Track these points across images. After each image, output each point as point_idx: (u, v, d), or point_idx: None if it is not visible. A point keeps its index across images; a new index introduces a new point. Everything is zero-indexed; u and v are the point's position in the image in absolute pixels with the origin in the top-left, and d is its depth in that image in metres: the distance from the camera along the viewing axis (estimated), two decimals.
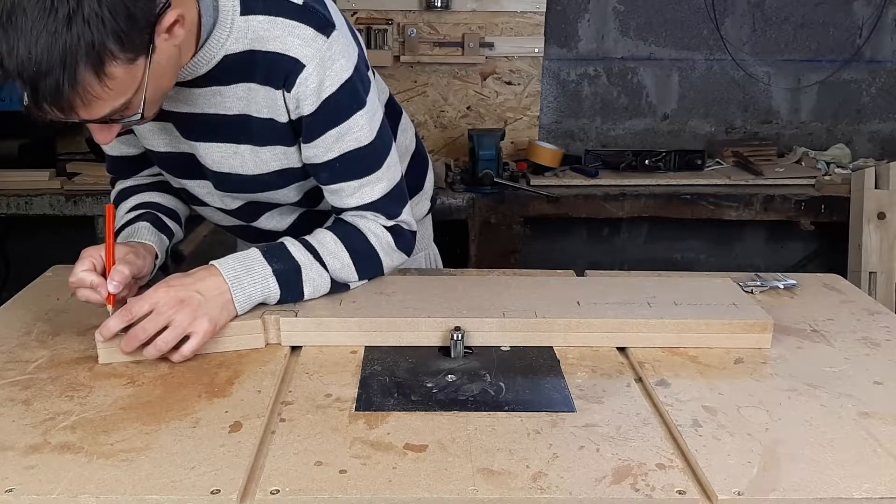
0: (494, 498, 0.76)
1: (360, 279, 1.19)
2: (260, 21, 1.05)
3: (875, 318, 1.21)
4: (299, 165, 1.18)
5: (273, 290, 1.09)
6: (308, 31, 1.06)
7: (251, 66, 1.07)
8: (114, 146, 1.27)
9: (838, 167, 2.82)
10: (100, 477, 0.78)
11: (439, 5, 2.79)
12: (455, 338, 1.05)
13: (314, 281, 1.13)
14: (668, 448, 0.85)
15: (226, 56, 1.07)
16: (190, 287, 1.03)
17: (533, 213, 2.64)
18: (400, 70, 2.90)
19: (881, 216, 2.54)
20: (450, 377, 1.00)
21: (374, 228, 1.19)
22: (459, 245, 3.10)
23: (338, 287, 1.16)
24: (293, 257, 1.12)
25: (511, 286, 1.21)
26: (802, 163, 2.89)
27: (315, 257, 1.13)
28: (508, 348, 1.08)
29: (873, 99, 3.06)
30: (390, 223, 1.21)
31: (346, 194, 1.18)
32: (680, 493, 0.77)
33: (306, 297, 1.13)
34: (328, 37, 1.07)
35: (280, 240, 1.15)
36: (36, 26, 0.83)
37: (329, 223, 1.21)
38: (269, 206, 1.28)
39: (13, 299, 1.24)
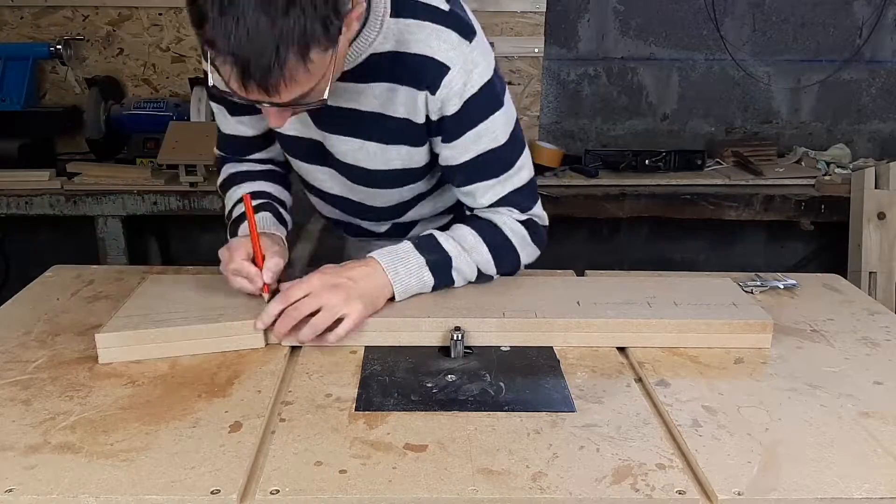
0: (494, 498, 0.76)
1: (497, 273, 1.22)
2: (409, 24, 1.10)
3: (875, 318, 1.21)
4: (420, 166, 1.24)
5: (427, 279, 1.15)
6: (453, 36, 1.10)
7: (395, 66, 1.11)
8: (231, 125, 1.31)
9: (838, 167, 2.82)
10: (100, 477, 0.78)
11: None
12: (455, 338, 1.05)
13: (463, 271, 1.18)
14: (668, 448, 0.85)
15: (372, 55, 1.11)
16: (342, 274, 1.09)
17: None
18: None
19: (881, 216, 2.54)
20: (450, 377, 1.00)
21: (509, 223, 1.23)
22: None
23: (482, 277, 1.21)
24: (443, 248, 1.17)
25: (511, 286, 1.21)
26: (802, 163, 2.89)
27: (462, 249, 1.18)
28: (508, 348, 1.08)
29: (873, 99, 3.06)
30: (524, 217, 1.24)
31: (479, 194, 1.22)
32: (680, 493, 0.77)
33: (456, 285, 1.19)
34: (471, 42, 1.12)
35: (428, 232, 1.20)
36: (256, 11, 0.87)
37: (462, 219, 1.25)
38: (365, 209, 1.33)
39: (13, 299, 1.24)
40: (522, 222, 1.24)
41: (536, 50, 2.89)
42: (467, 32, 1.12)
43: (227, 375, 1.00)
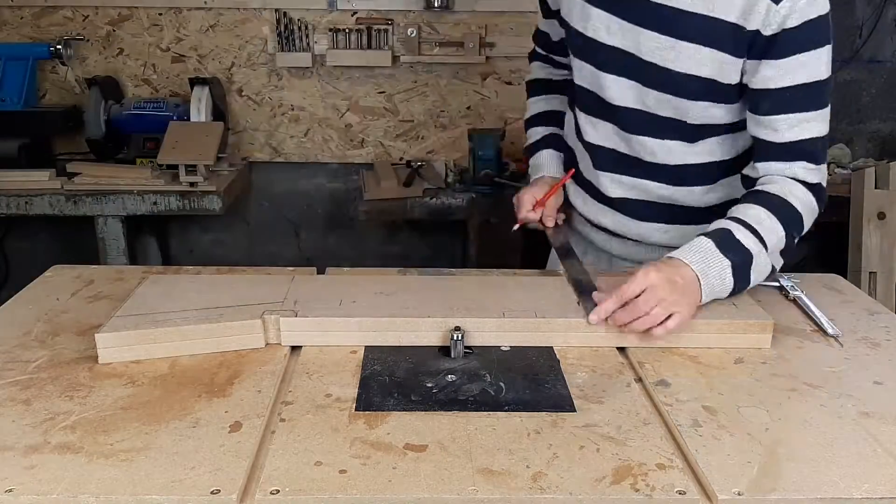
0: (494, 498, 0.76)
1: (785, 247, 1.21)
2: None
3: (875, 318, 1.21)
4: (725, 83, 1.21)
5: (728, 283, 1.13)
6: None
7: None
8: (544, 22, 1.51)
9: (838, 167, 2.82)
10: (100, 477, 0.78)
11: (439, 5, 2.79)
12: (455, 338, 1.05)
13: (760, 271, 1.16)
14: (668, 448, 0.85)
15: None
16: (673, 273, 1.09)
17: None
18: (400, 70, 2.90)
19: (881, 216, 2.54)
20: (450, 377, 1.00)
21: (798, 192, 1.20)
22: (459, 245, 3.10)
23: (771, 273, 1.20)
24: (745, 247, 1.14)
25: (511, 286, 1.21)
26: None
27: (759, 241, 1.15)
28: (508, 348, 1.08)
29: (873, 99, 3.06)
30: (815, 177, 1.22)
31: (784, 127, 1.20)
32: (680, 493, 0.77)
33: (751, 286, 1.17)
34: None
35: (723, 226, 1.16)
36: None
37: (749, 197, 1.22)
38: (660, 123, 1.30)
39: (13, 299, 1.24)
40: (812, 188, 1.22)
41: None
42: None
43: (227, 375, 1.00)
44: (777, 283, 1.31)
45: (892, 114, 3.08)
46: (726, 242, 1.14)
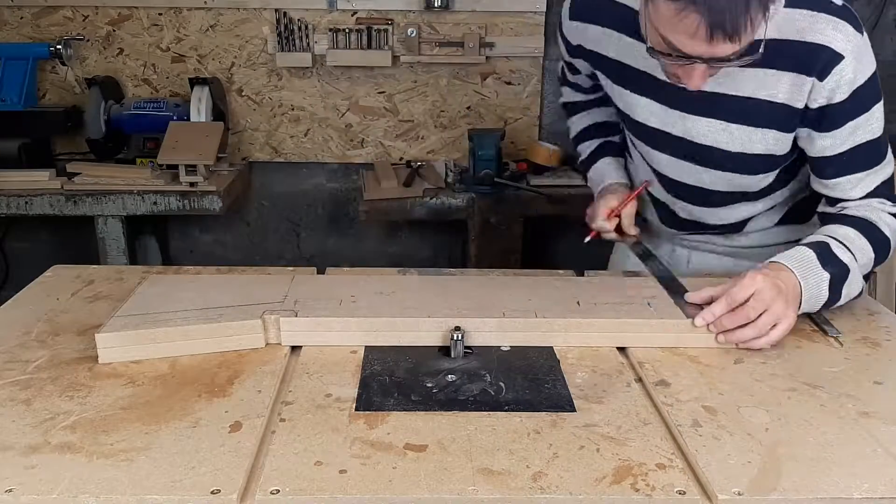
0: (494, 498, 0.76)
1: (872, 269, 1.22)
2: (801, 13, 1.14)
3: (875, 318, 1.21)
4: (781, 154, 1.24)
5: (823, 295, 1.14)
6: (849, 28, 1.14)
7: (781, 53, 1.14)
8: (566, 72, 1.54)
9: None
10: (100, 477, 0.78)
11: (439, 5, 2.79)
12: (455, 338, 1.05)
13: (852, 287, 1.17)
14: (668, 448, 0.85)
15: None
16: (776, 279, 1.09)
17: (533, 213, 2.64)
18: (400, 70, 2.90)
19: None
20: (450, 377, 1.00)
21: (885, 218, 1.22)
22: (459, 245, 3.10)
23: (860, 292, 1.21)
24: (843, 262, 1.15)
25: (511, 286, 1.21)
26: None
27: (853, 258, 1.16)
28: (508, 348, 1.08)
29: None
30: (893, 209, 1.23)
31: (850, 186, 1.22)
32: (680, 493, 0.77)
33: (840, 303, 1.17)
34: (862, 34, 1.15)
35: (822, 239, 1.18)
36: None
37: (834, 219, 1.24)
38: (711, 197, 1.35)
39: (13, 299, 1.24)
40: (894, 215, 1.23)
41: (536, 50, 2.89)
42: (859, 25, 1.15)
43: (227, 375, 1.00)
44: None
45: (893, 114, 3.08)
46: (826, 255, 1.15)
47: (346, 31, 2.80)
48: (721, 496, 0.77)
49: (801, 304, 1.11)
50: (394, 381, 0.99)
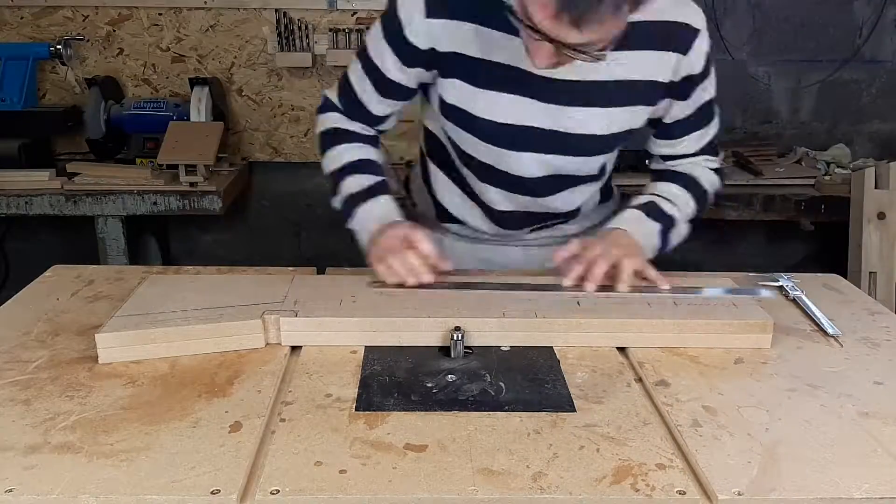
0: (494, 498, 0.76)
1: (695, 216, 1.35)
2: None
3: (875, 318, 1.21)
4: (638, 126, 1.30)
5: (656, 244, 1.28)
6: (695, 4, 1.24)
7: (643, 34, 1.17)
8: (373, 95, 1.32)
9: (838, 167, 2.81)
10: (100, 477, 0.78)
11: None
12: (455, 338, 1.05)
13: (680, 234, 1.32)
14: (668, 448, 0.85)
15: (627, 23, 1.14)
16: (611, 235, 1.25)
17: None
18: None
19: (881, 216, 2.54)
20: (450, 377, 1.00)
21: (706, 174, 1.36)
22: None
23: (685, 236, 1.35)
24: (670, 215, 1.30)
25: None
26: (802, 163, 2.89)
27: (678, 209, 1.31)
28: (508, 348, 1.08)
29: (873, 99, 3.06)
30: (717, 164, 1.38)
31: (692, 141, 1.34)
32: (680, 493, 0.77)
33: (670, 247, 1.32)
34: (698, 5, 1.24)
35: (650, 199, 1.31)
36: None
37: (662, 175, 1.37)
38: (565, 182, 1.35)
39: (13, 299, 1.24)
40: (717, 171, 1.38)
41: None
42: None
43: (227, 375, 1.00)
44: (777, 283, 1.31)
45: (892, 114, 3.08)
46: (654, 211, 1.29)
47: (346, 31, 2.80)
48: (721, 496, 0.77)
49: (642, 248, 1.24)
50: (394, 381, 0.99)
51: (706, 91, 1.29)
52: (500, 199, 1.36)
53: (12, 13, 2.79)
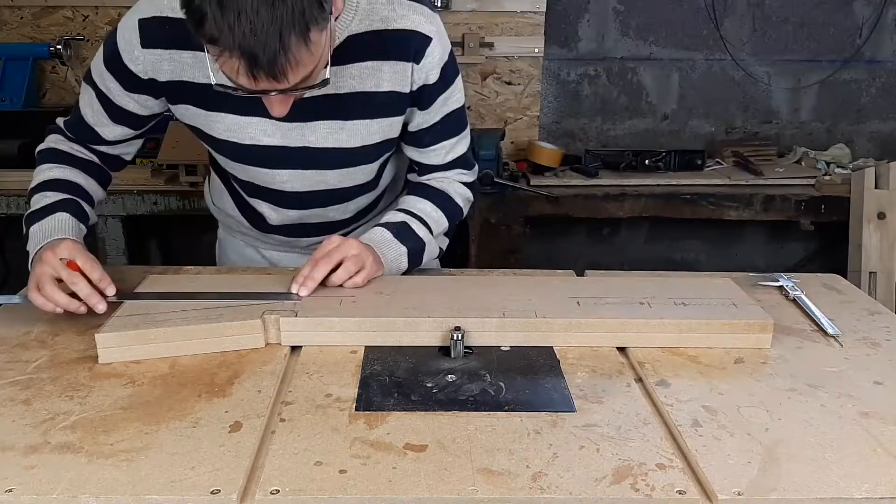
0: (494, 498, 0.76)
1: (447, 234, 1.39)
2: (383, 3, 1.20)
3: (875, 318, 1.21)
4: (395, 136, 1.31)
5: (403, 264, 1.29)
6: (426, 10, 1.23)
7: (377, 43, 1.19)
8: (103, 118, 1.28)
9: (838, 167, 2.82)
10: (100, 477, 0.78)
11: (439, 5, 2.79)
12: (455, 338, 1.05)
13: (431, 254, 1.34)
14: (668, 448, 0.85)
15: (349, 36, 1.16)
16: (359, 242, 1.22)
17: (533, 213, 2.64)
18: None
19: (881, 216, 2.54)
20: (450, 377, 1.00)
21: (458, 188, 1.39)
22: (459, 245, 3.10)
23: (440, 252, 1.39)
24: (419, 237, 1.31)
25: (511, 286, 1.21)
26: (802, 163, 2.89)
27: (430, 231, 1.33)
28: (508, 348, 1.08)
29: (873, 99, 3.06)
30: (470, 178, 1.41)
31: (444, 151, 1.35)
32: (680, 493, 0.77)
33: (422, 265, 1.34)
34: (436, 13, 1.25)
35: (402, 219, 1.31)
36: (255, 1, 0.90)
37: (418, 190, 1.37)
38: (334, 195, 1.36)
39: None
40: (469, 185, 1.40)
41: (536, 50, 2.89)
42: (432, 5, 1.23)
43: (227, 375, 1.00)
44: (776, 283, 1.31)
45: (892, 114, 3.08)
46: (403, 232, 1.30)
47: None
48: (721, 496, 0.77)
49: (384, 266, 1.24)
50: (394, 381, 0.99)
51: (449, 100, 1.29)
52: (271, 213, 1.39)
53: (12, 13, 2.79)
